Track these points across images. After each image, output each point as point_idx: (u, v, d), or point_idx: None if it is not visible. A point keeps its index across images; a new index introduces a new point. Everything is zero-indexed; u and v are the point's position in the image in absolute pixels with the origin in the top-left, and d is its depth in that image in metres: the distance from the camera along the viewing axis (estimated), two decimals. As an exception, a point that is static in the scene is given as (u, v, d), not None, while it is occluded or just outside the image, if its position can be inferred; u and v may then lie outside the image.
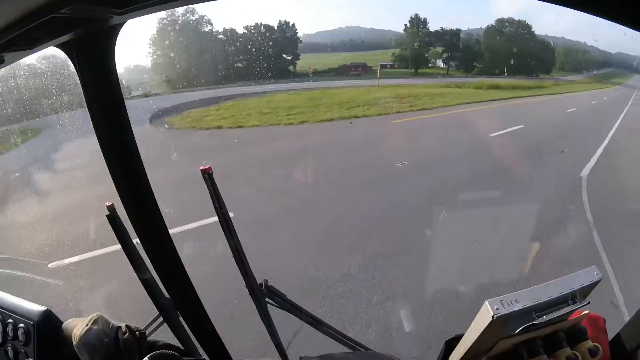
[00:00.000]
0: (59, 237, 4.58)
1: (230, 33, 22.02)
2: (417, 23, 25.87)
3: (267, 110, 13.28)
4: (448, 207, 5.03)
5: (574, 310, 0.73)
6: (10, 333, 1.06)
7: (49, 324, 1.06)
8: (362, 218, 4.94)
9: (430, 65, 26.73)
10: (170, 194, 4.80)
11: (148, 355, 0.97)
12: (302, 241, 4.41)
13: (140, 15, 0.79)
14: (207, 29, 21.71)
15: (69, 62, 0.86)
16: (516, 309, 0.68)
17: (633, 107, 20.20)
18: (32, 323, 1.03)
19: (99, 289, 3.58)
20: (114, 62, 0.88)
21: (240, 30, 21.94)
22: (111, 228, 1.08)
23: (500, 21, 27.63)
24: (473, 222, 4.49)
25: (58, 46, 0.83)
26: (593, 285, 0.74)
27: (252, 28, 21.85)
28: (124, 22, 0.83)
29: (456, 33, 26.85)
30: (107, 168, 0.94)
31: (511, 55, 27.56)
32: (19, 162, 7.79)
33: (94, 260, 3.97)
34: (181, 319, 1.16)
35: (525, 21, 27.86)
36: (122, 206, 0.99)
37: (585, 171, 6.71)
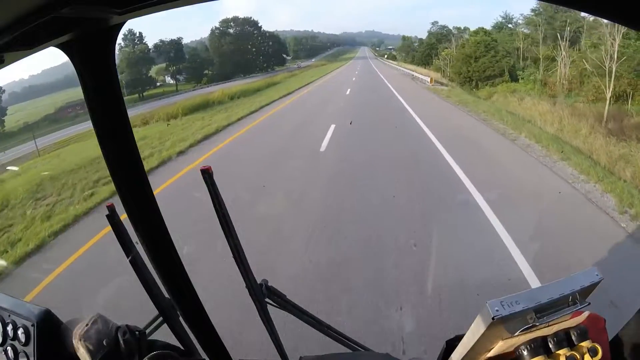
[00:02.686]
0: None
1: None
2: (132, 40, 21.22)
3: None
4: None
5: (575, 311, 0.73)
6: (10, 333, 1.06)
7: (49, 324, 1.06)
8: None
9: (158, 84, 22.52)
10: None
11: (148, 355, 0.97)
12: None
13: (140, 15, 0.79)
14: None
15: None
16: (516, 310, 0.68)
17: (394, 82, 17.11)
18: (32, 323, 1.03)
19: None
20: (114, 62, 0.88)
21: None
22: (111, 228, 1.08)
23: (225, 22, 25.68)
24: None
25: (58, 46, 0.83)
26: (593, 286, 0.74)
27: None
28: (124, 22, 0.83)
29: (178, 43, 23.55)
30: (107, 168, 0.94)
31: (242, 55, 25.63)
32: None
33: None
34: (181, 319, 1.16)
35: (251, 18, 26.18)
36: (122, 206, 0.99)
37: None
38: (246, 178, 6.80)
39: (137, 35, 21.21)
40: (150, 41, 22.71)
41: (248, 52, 25.85)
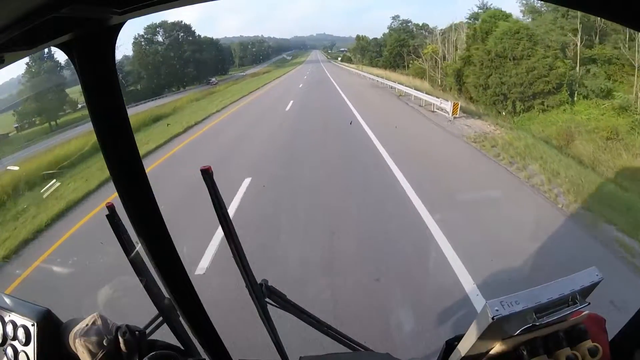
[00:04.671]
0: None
1: None
2: (40, 59, 16.56)
3: None
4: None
5: (574, 311, 0.73)
6: (10, 333, 1.06)
7: (49, 324, 1.05)
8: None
9: (80, 106, 17.31)
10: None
11: (148, 355, 0.97)
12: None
13: (140, 15, 0.79)
14: None
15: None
16: (516, 310, 0.68)
17: (374, 116, 11.32)
18: (32, 323, 1.03)
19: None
20: (114, 62, 0.88)
21: None
22: (111, 228, 1.08)
23: (151, 28, 21.75)
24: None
25: (58, 46, 0.83)
26: (593, 286, 0.74)
27: None
28: (124, 22, 0.83)
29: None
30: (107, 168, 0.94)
31: (173, 66, 21.69)
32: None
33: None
34: (181, 319, 1.16)
35: (182, 22, 22.54)
36: (122, 206, 0.99)
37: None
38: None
39: (48, 54, 16.00)
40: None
41: (180, 62, 21.85)
